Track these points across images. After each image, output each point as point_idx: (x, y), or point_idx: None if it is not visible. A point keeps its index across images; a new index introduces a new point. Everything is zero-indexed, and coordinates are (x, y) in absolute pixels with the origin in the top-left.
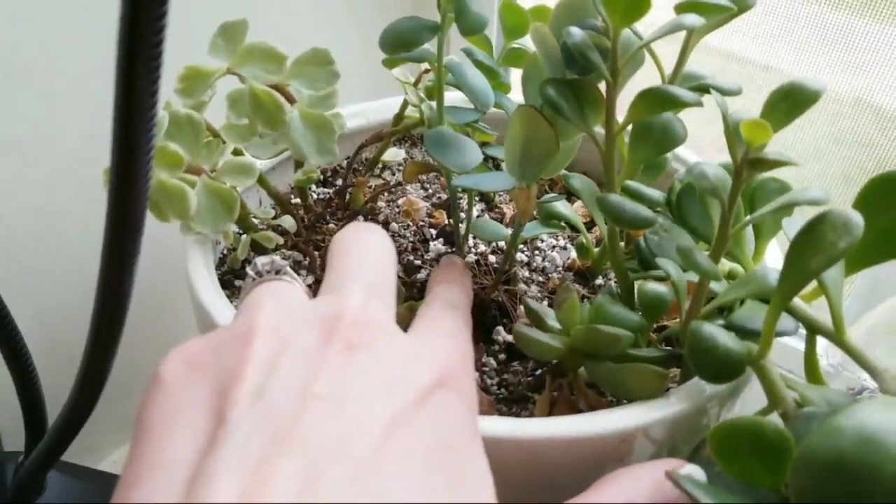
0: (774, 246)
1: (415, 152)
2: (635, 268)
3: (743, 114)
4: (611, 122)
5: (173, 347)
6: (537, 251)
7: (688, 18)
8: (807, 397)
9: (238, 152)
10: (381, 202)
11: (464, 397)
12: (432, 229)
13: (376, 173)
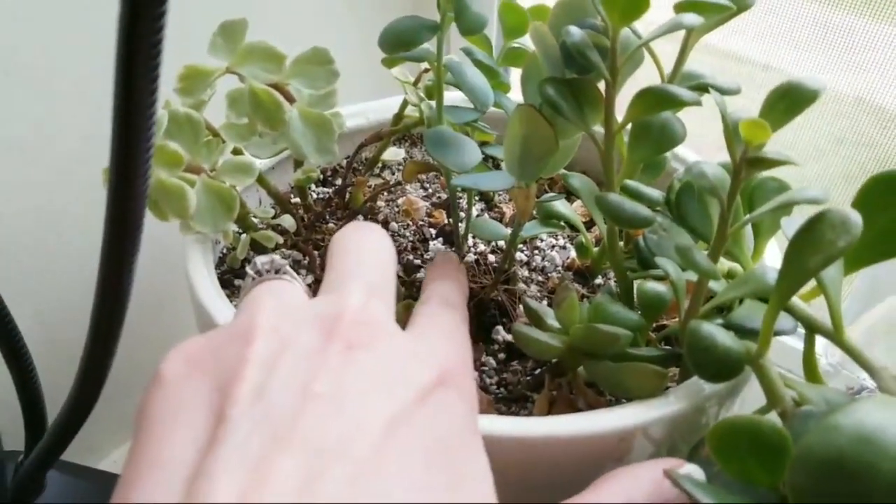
0: (773, 245)
1: (414, 152)
2: (634, 267)
3: (742, 113)
4: (610, 121)
5: (173, 346)
6: (537, 250)
7: (687, 17)
8: (805, 396)
9: (238, 151)
10: (381, 202)
11: (464, 396)
12: (432, 229)
13: (376, 173)
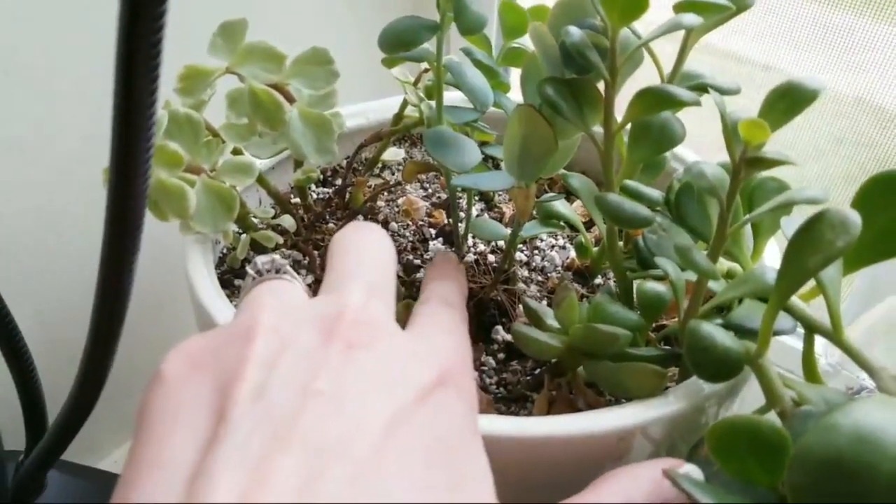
0: (773, 245)
1: (414, 152)
2: (634, 267)
3: (741, 113)
4: (609, 121)
5: (173, 346)
6: (536, 250)
7: (686, 18)
8: (804, 396)
9: (238, 151)
10: (381, 202)
11: (463, 395)
12: (432, 229)
13: (376, 173)
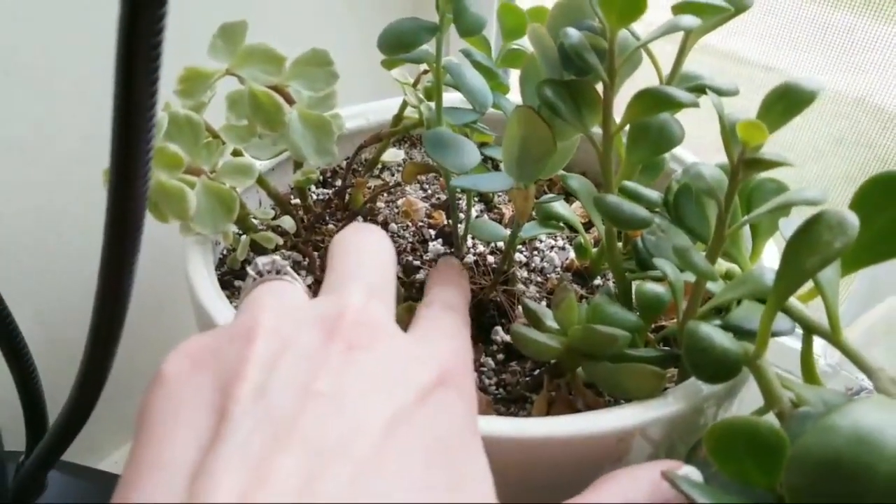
0: (772, 246)
1: (414, 153)
2: (633, 268)
3: (739, 114)
4: (608, 122)
5: (174, 347)
6: (536, 251)
7: (684, 19)
8: (803, 397)
9: (237, 153)
10: (381, 203)
11: (463, 396)
12: (431, 230)
13: (375, 174)
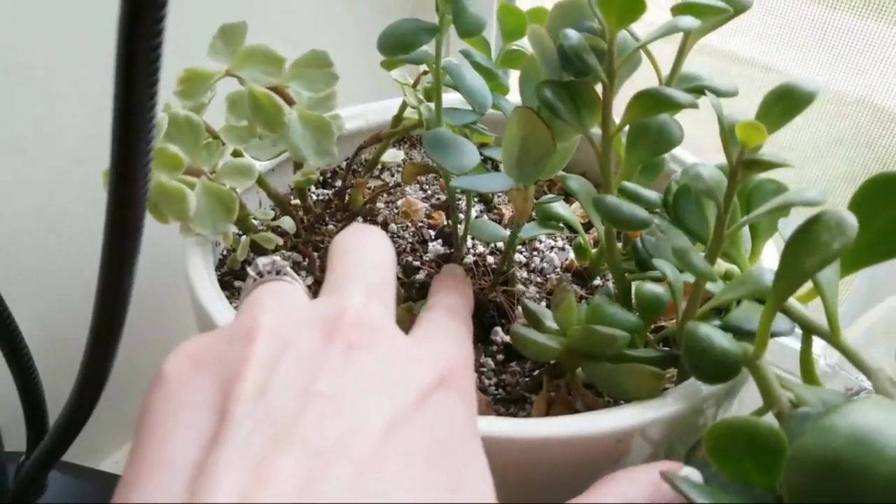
0: (771, 247)
1: (414, 154)
2: (632, 269)
3: (738, 115)
4: (607, 123)
5: (174, 347)
6: (535, 252)
7: (683, 20)
8: (802, 397)
9: (237, 154)
10: (380, 203)
11: (464, 396)
12: (431, 230)
13: (375, 174)
